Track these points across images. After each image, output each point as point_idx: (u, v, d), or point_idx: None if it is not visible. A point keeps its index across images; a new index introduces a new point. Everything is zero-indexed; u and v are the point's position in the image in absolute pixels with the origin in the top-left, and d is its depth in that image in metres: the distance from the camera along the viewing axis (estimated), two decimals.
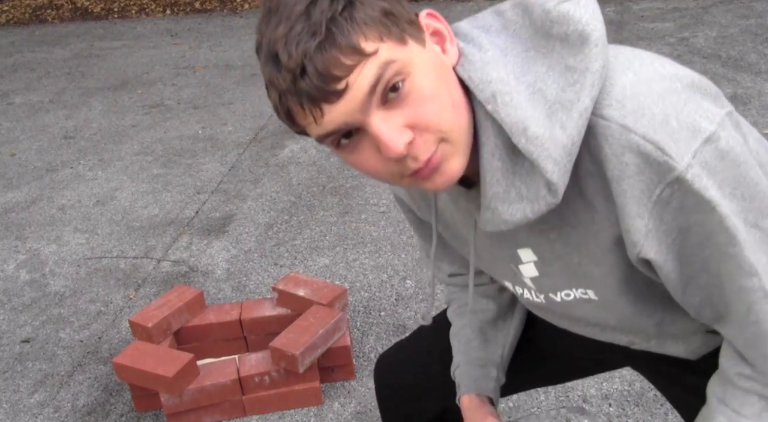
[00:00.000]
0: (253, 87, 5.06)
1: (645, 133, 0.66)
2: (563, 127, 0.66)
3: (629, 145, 0.66)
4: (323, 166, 3.63)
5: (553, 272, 0.84)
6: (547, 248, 0.81)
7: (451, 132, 0.68)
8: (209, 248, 2.93)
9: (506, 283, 0.96)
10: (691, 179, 0.66)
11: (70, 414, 2.08)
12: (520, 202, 0.71)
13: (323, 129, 0.67)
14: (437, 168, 0.69)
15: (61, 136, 4.46)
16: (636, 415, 1.87)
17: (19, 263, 2.97)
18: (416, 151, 0.68)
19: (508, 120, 0.68)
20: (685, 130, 0.66)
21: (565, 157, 0.67)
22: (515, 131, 0.67)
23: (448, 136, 0.68)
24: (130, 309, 2.56)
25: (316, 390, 2.00)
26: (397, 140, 0.66)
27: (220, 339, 2.15)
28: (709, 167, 0.66)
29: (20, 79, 5.85)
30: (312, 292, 2.11)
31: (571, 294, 0.87)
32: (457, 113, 0.69)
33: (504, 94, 0.68)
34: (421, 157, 0.68)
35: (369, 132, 0.67)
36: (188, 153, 3.99)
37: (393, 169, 0.70)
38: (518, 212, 0.71)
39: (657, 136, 0.65)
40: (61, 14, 8.36)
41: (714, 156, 0.66)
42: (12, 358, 2.36)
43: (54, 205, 3.48)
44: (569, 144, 0.67)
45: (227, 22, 7.31)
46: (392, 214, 3.06)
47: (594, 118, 0.68)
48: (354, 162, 0.71)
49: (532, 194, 0.70)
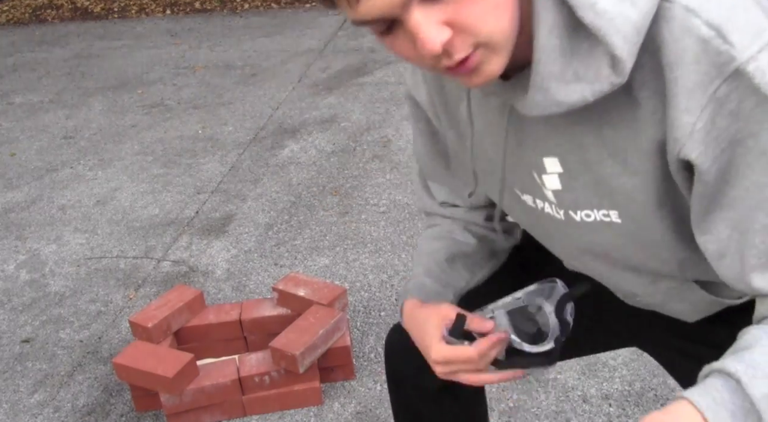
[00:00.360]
0: (253, 87, 5.06)
1: (709, 19, 0.63)
2: (634, 4, 0.63)
3: (690, 29, 0.63)
4: (323, 166, 3.63)
5: (578, 186, 0.80)
6: (578, 157, 0.77)
7: (490, 36, 0.65)
8: (209, 248, 2.93)
9: (525, 196, 0.90)
10: (753, 72, 0.62)
11: (70, 414, 2.08)
12: (578, 83, 0.67)
13: (359, 16, 0.65)
14: (474, 69, 0.67)
15: (61, 136, 4.46)
16: (636, 415, 1.87)
17: (19, 263, 2.97)
18: (452, 48, 0.65)
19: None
20: (751, 26, 0.63)
21: (635, 35, 0.64)
22: (582, 4, 0.64)
23: (486, 41, 0.65)
24: (130, 309, 2.56)
25: (316, 390, 2.00)
26: (434, 38, 0.63)
27: (220, 339, 2.15)
28: None
29: (20, 79, 5.85)
30: (312, 292, 2.11)
31: (592, 215, 0.82)
32: (500, 15, 0.65)
33: None
34: (455, 56, 0.66)
35: (407, 26, 0.65)
36: (188, 153, 3.99)
37: (428, 62, 0.68)
38: (575, 93, 0.68)
39: (721, 23, 0.63)
40: (61, 14, 8.36)
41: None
42: (12, 358, 2.36)
43: (54, 205, 3.48)
44: (639, 21, 0.63)
45: (227, 22, 7.31)
46: (392, 214, 3.06)
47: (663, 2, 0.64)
48: (391, 47, 0.69)
49: (592, 75, 0.66)
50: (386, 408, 1.98)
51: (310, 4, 7.54)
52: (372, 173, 3.48)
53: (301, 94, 4.75)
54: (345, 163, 3.63)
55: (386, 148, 3.77)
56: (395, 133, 3.95)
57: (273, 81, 5.14)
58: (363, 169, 3.55)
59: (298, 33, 6.45)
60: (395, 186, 3.32)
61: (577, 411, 1.90)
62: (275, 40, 6.32)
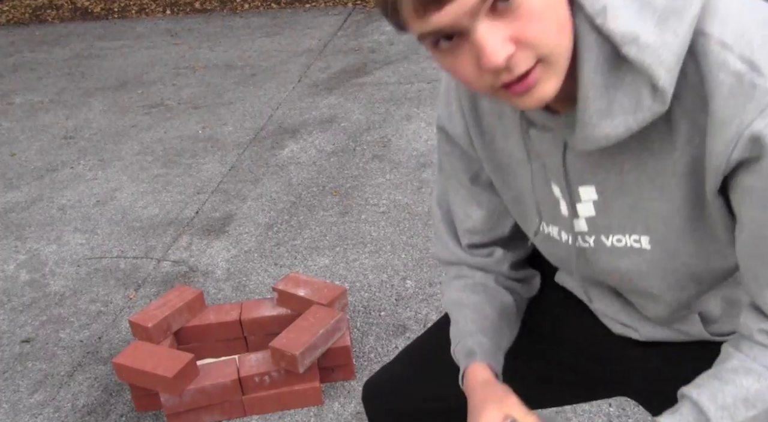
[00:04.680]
0: (253, 87, 5.06)
1: (742, 53, 0.65)
2: (675, 33, 0.66)
3: (724, 63, 0.66)
4: (323, 166, 3.63)
5: (614, 211, 0.82)
6: (616, 181, 0.80)
7: (552, 52, 0.67)
8: (209, 248, 2.93)
9: (549, 228, 0.92)
10: None
11: (70, 414, 2.08)
12: (623, 115, 0.70)
13: (428, 26, 0.65)
14: (532, 86, 0.69)
15: (61, 136, 4.46)
16: (636, 415, 1.87)
17: (19, 263, 2.97)
18: (513, 64, 0.67)
19: (618, 30, 0.67)
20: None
21: (676, 64, 0.67)
22: (626, 40, 0.67)
23: (548, 57, 0.67)
24: (130, 309, 2.56)
25: (316, 390, 2.00)
26: (498, 51, 0.65)
27: (220, 339, 2.15)
28: None
29: (20, 79, 5.85)
30: (312, 292, 2.11)
31: (623, 240, 0.85)
32: (561, 34, 0.68)
33: (615, 7, 0.68)
34: (515, 70, 0.67)
35: (472, 38, 0.66)
36: (188, 153, 3.99)
37: (487, 79, 0.69)
38: (621, 125, 0.71)
39: (754, 56, 0.65)
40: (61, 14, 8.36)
41: None
42: (12, 358, 2.36)
43: (54, 205, 3.48)
44: (680, 51, 0.66)
45: (227, 22, 7.31)
46: (392, 214, 3.06)
47: (694, 34, 0.67)
48: (449, 66, 0.71)
49: (634, 105, 0.69)
50: None
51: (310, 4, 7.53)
52: (372, 173, 3.48)
53: (301, 94, 4.75)
54: (345, 163, 3.63)
55: (386, 148, 3.77)
56: (395, 133, 3.95)
57: (273, 81, 5.14)
58: (363, 169, 3.55)
59: (298, 33, 6.45)
60: (395, 186, 3.32)
61: (577, 411, 1.90)
62: (275, 40, 6.32)
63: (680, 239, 0.80)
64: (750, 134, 0.66)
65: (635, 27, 0.67)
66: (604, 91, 0.70)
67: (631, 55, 0.67)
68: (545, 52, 0.67)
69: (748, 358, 0.78)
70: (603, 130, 0.72)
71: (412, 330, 2.29)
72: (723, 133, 0.67)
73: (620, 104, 0.70)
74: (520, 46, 0.66)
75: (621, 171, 0.78)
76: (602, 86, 0.70)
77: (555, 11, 0.67)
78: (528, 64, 0.67)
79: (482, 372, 0.96)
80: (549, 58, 0.67)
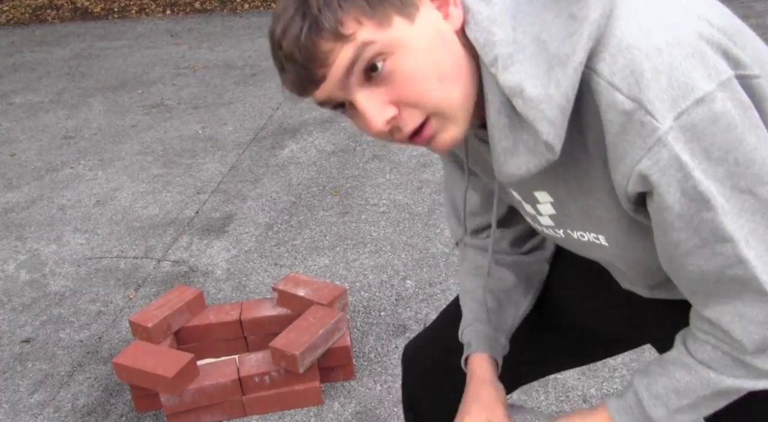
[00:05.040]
0: (253, 87, 5.06)
1: (630, 92, 0.64)
2: (558, 85, 0.66)
3: (614, 103, 0.66)
4: (323, 166, 3.63)
5: (569, 213, 0.85)
6: (563, 190, 0.82)
7: (438, 107, 0.71)
8: (209, 248, 2.93)
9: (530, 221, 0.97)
10: (671, 141, 0.64)
11: (70, 414, 2.08)
12: (528, 155, 0.71)
13: (317, 99, 0.73)
14: (431, 138, 0.74)
15: (61, 136, 4.46)
16: None
17: (19, 263, 2.97)
18: (401, 123, 0.72)
19: (506, 84, 0.68)
20: (675, 89, 0.64)
21: (560, 116, 0.67)
22: (512, 94, 0.68)
23: (437, 111, 0.71)
24: (130, 309, 2.56)
25: (316, 390, 2.00)
26: (376, 118, 0.71)
27: (220, 339, 2.15)
28: (696, 130, 0.64)
29: (20, 79, 5.85)
30: (312, 292, 2.11)
31: (585, 237, 0.87)
32: (447, 87, 0.70)
33: (505, 57, 0.69)
34: (405, 129, 0.72)
35: (356, 107, 0.72)
36: (188, 153, 3.99)
37: (385, 136, 0.74)
38: (524, 165, 0.72)
39: (642, 94, 0.64)
40: (61, 14, 8.36)
41: (704, 118, 0.64)
42: (12, 358, 2.36)
43: (54, 205, 3.48)
44: (564, 102, 0.67)
45: (227, 22, 7.31)
46: (392, 214, 3.06)
47: (587, 71, 0.67)
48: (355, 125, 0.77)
49: (538, 148, 0.70)
50: (386, 408, 1.98)
51: None
52: (372, 173, 3.48)
53: None
54: (345, 163, 3.63)
55: (386, 148, 3.77)
56: None
57: (273, 81, 5.14)
58: (363, 169, 3.55)
59: None
60: (395, 186, 3.32)
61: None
62: None
63: (630, 239, 0.82)
64: (638, 172, 0.67)
65: (522, 79, 0.68)
66: (508, 131, 0.72)
67: (518, 109, 0.69)
68: (431, 109, 0.71)
69: (687, 351, 0.84)
70: (509, 169, 0.74)
71: (412, 330, 2.29)
72: (618, 168, 0.69)
73: (525, 144, 0.71)
74: (403, 106, 0.71)
75: (565, 181, 0.80)
76: (506, 127, 0.72)
77: (434, 67, 0.69)
78: (416, 122, 0.72)
79: (480, 364, 1.05)
80: (438, 111, 0.71)
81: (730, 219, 0.68)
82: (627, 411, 0.88)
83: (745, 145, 0.66)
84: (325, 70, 0.69)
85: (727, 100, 0.64)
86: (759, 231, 0.69)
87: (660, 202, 0.69)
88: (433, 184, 3.31)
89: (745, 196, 0.68)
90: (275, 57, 0.72)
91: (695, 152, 0.65)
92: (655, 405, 0.86)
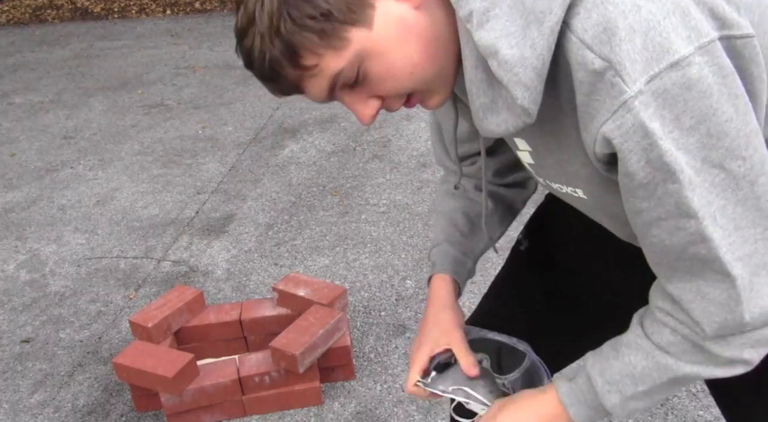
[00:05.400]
0: (253, 87, 5.06)
1: (601, 51, 0.61)
2: (533, 46, 0.63)
3: (584, 62, 0.62)
4: (323, 166, 3.63)
5: (547, 164, 0.82)
6: (540, 143, 0.79)
7: (416, 89, 0.74)
8: (209, 248, 2.93)
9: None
10: (638, 107, 0.61)
11: (70, 414, 2.08)
12: (507, 113, 0.69)
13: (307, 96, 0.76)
14: (420, 103, 0.78)
15: (61, 136, 4.46)
16: (636, 415, 1.87)
17: (19, 263, 2.97)
18: (386, 107, 0.76)
19: (480, 43, 0.66)
20: (649, 50, 0.60)
21: (536, 79, 0.64)
22: (487, 54, 0.66)
23: (413, 90, 0.74)
24: (130, 309, 2.56)
25: (316, 390, 2.00)
26: (363, 114, 0.76)
27: (220, 339, 2.15)
28: (667, 96, 0.61)
29: (20, 79, 5.85)
30: (312, 292, 2.11)
31: (564, 189, 0.84)
32: (421, 73, 0.72)
33: (480, 12, 0.65)
34: (391, 110, 0.77)
35: None
36: (188, 153, 3.99)
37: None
38: (503, 123, 0.70)
39: (612, 54, 0.61)
40: (61, 14, 8.36)
41: (678, 83, 0.60)
42: (12, 358, 2.36)
43: (54, 205, 3.48)
44: (539, 64, 0.64)
45: (227, 22, 7.31)
46: (392, 214, 3.06)
47: (563, 26, 0.64)
48: None
49: (515, 108, 0.68)
50: (386, 408, 1.98)
51: None
52: (372, 173, 3.48)
53: None
54: (345, 163, 3.63)
55: (386, 148, 3.77)
56: (395, 133, 3.96)
57: None
58: (363, 169, 3.55)
59: None
60: (395, 186, 3.32)
61: None
62: None
63: (607, 194, 0.78)
64: (602, 134, 0.65)
65: (496, 38, 0.65)
66: (486, 87, 0.70)
67: (493, 70, 0.66)
68: (410, 90, 0.74)
69: (644, 334, 0.80)
70: (489, 125, 0.72)
71: (412, 330, 2.29)
72: (587, 128, 0.67)
73: (504, 100, 0.68)
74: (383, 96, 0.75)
75: (542, 135, 0.77)
76: (484, 82, 0.69)
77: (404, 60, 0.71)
78: (399, 103, 0.76)
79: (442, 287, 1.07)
80: (417, 90, 0.74)
81: (698, 195, 0.65)
82: (578, 395, 0.84)
83: (720, 116, 0.62)
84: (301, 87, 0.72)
85: (705, 65, 0.60)
86: (728, 208, 0.66)
87: (622, 167, 0.66)
88: (433, 184, 3.31)
89: (716, 170, 0.64)
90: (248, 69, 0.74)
91: (665, 120, 0.62)
92: (609, 392, 0.82)
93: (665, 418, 1.86)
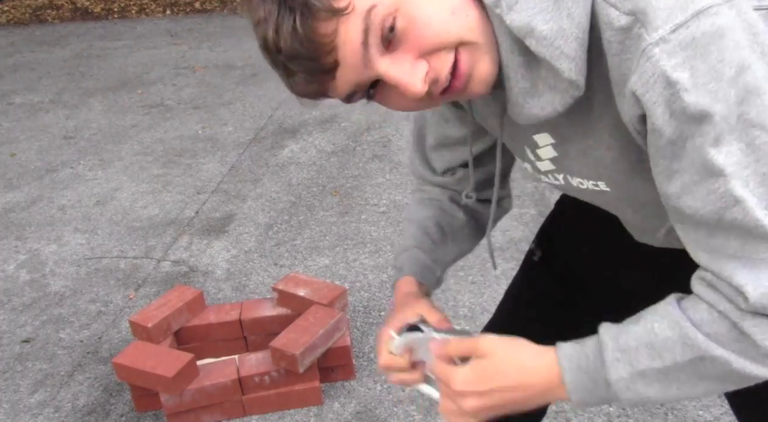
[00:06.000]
0: (253, 87, 5.06)
1: (624, 6, 0.61)
2: (570, 16, 0.62)
3: (610, 21, 0.61)
4: (323, 166, 3.63)
5: (571, 155, 0.80)
6: (565, 130, 0.77)
7: (462, 37, 0.66)
8: (209, 248, 2.93)
9: (525, 164, 0.91)
10: (658, 55, 0.58)
11: (70, 414, 2.08)
12: (550, 93, 0.67)
13: (342, 93, 0.68)
14: (469, 75, 0.68)
15: (61, 136, 4.46)
16: (636, 415, 1.87)
17: (19, 263, 2.97)
18: (435, 73, 0.66)
19: (514, 25, 0.64)
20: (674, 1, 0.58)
21: (579, 49, 0.63)
22: (523, 35, 0.64)
23: (461, 41, 0.66)
24: (130, 309, 2.56)
25: (316, 390, 2.00)
26: (413, 79, 0.65)
27: (220, 339, 2.15)
28: (697, 45, 0.58)
29: (20, 79, 5.85)
30: (312, 292, 2.11)
31: (584, 184, 0.82)
32: (461, 16, 0.66)
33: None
34: (441, 74, 0.66)
35: (386, 81, 0.67)
36: (188, 153, 4.00)
37: (424, 100, 0.69)
38: (548, 105, 0.68)
39: (637, 7, 0.60)
40: (61, 14, 8.36)
41: (708, 32, 0.57)
42: (12, 358, 2.36)
43: (54, 205, 3.48)
44: (580, 33, 0.62)
45: (227, 22, 7.32)
46: (392, 214, 3.06)
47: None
48: (392, 106, 0.72)
49: (561, 84, 0.66)
50: (386, 408, 1.98)
51: None
52: (372, 173, 3.48)
53: None
54: (345, 163, 3.63)
55: (386, 148, 3.77)
56: (395, 132, 3.96)
57: (273, 81, 5.14)
58: (363, 169, 3.55)
59: None
60: (395, 186, 3.32)
61: (577, 411, 1.90)
62: None
63: (632, 181, 0.76)
64: (631, 92, 0.62)
65: (530, 17, 0.63)
66: (525, 71, 0.67)
67: (532, 49, 0.64)
68: (456, 41, 0.66)
69: (677, 305, 0.70)
70: (531, 110, 0.69)
71: None
72: (620, 92, 0.64)
73: (545, 81, 0.67)
74: (429, 56, 0.66)
75: (568, 119, 0.74)
76: (522, 66, 0.67)
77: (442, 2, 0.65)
78: (449, 61, 0.66)
79: (407, 285, 1.00)
80: (463, 41, 0.66)
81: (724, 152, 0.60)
82: (581, 360, 0.72)
83: (756, 70, 0.58)
84: (334, 54, 0.64)
85: (735, 17, 0.58)
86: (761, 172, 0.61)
87: (649, 123, 0.63)
88: None
89: (756, 131, 0.59)
90: (276, 63, 0.67)
91: (697, 71, 0.58)
92: (618, 360, 0.70)
93: (665, 418, 1.86)
